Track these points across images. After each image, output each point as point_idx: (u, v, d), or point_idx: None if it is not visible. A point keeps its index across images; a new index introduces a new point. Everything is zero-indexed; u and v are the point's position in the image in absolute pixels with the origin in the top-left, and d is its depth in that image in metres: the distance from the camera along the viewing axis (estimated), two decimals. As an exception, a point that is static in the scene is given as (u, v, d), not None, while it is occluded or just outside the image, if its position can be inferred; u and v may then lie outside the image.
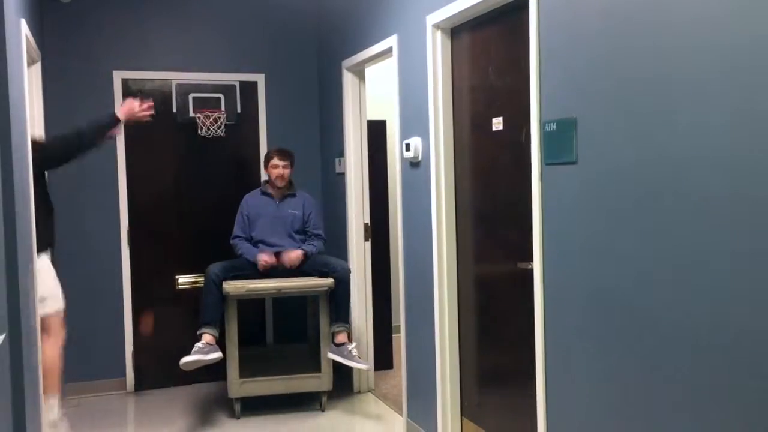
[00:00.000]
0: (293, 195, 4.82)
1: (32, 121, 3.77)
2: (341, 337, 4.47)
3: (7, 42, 2.80)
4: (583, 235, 2.53)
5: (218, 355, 4.32)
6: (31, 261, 3.21)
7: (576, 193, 2.57)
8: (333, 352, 4.45)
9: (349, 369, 4.91)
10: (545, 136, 2.72)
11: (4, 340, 2.41)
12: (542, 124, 2.74)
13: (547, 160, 2.72)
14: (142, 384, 5.10)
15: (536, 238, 2.80)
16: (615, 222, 2.38)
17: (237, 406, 4.53)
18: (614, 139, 2.37)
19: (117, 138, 5.05)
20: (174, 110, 5.17)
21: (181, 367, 4.23)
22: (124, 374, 5.03)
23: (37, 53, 4.22)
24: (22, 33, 3.35)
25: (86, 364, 4.96)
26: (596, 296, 2.48)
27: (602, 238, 2.44)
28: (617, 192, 2.36)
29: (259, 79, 5.36)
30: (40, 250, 3.57)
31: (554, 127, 2.66)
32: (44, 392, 3.60)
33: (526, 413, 2.98)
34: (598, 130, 2.44)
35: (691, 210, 2.06)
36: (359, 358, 4.52)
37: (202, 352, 4.27)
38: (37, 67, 4.37)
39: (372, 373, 5.04)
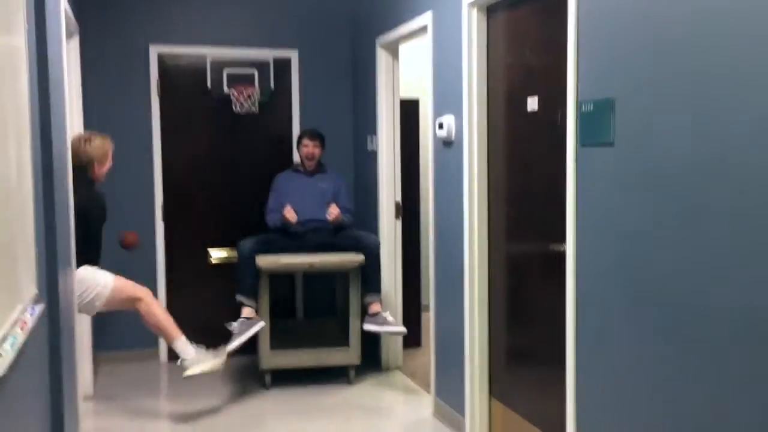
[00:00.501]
0: (323, 172, 4.88)
1: (70, 96, 3.82)
2: (375, 307, 4.51)
3: (47, 16, 2.83)
4: (618, 217, 2.51)
5: (260, 324, 4.42)
6: (69, 236, 3.27)
7: (612, 175, 2.54)
8: (369, 323, 4.50)
9: (378, 345, 4.95)
10: (581, 117, 2.68)
11: (42, 310, 2.47)
12: (579, 104, 2.70)
13: (582, 141, 2.69)
14: (174, 355, 5.19)
15: (570, 219, 2.77)
16: (651, 205, 2.34)
17: (267, 378, 4.61)
18: (654, 121, 2.33)
19: (152, 113, 5.11)
20: (209, 86, 5.20)
21: (228, 354, 4.29)
22: (157, 344, 5.12)
23: (75, 27, 4.27)
24: (61, 7, 3.38)
25: (120, 335, 5.06)
26: (630, 279, 2.46)
27: (637, 221, 2.41)
28: (655, 175, 2.32)
29: (293, 55, 5.36)
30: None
31: (591, 107, 2.62)
32: (170, 341, 4.09)
33: (555, 395, 2.98)
34: (638, 112, 2.40)
35: (730, 196, 2.02)
36: (395, 322, 4.57)
37: (244, 331, 4.35)
38: (75, 41, 4.42)
39: (400, 350, 5.08)
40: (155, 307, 4.08)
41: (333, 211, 4.64)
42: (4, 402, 1.90)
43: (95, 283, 3.93)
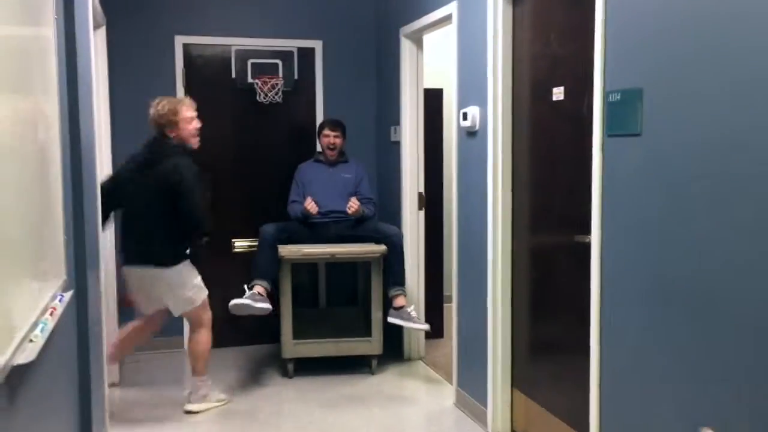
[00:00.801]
0: (345, 161, 4.88)
1: (97, 85, 3.85)
2: (400, 301, 4.51)
3: (75, 7, 2.86)
4: (645, 209, 2.48)
5: (267, 306, 4.39)
6: (97, 222, 3.31)
7: (639, 166, 2.51)
8: (393, 316, 4.51)
9: (400, 335, 4.96)
10: (608, 107, 2.66)
11: (71, 297, 2.50)
12: (605, 94, 2.67)
13: (609, 131, 2.66)
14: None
15: (595, 211, 2.75)
16: (679, 197, 2.32)
17: (290, 366, 4.64)
18: (683, 111, 2.30)
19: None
20: (233, 76, 5.22)
21: (230, 310, 4.33)
22: (182, 333, 5.18)
23: (102, 17, 4.30)
24: (88, -3, 3.41)
25: (146, 322, 5.10)
26: (656, 271, 2.44)
27: (664, 212, 2.39)
28: (683, 167, 2.30)
29: (317, 45, 5.36)
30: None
31: (618, 97, 2.60)
32: (197, 374, 4.14)
33: (578, 386, 2.97)
34: (666, 102, 2.37)
35: (761, 187, 1.99)
36: (419, 319, 4.57)
37: (252, 299, 4.36)
38: (102, 32, 4.46)
39: (422, 340, 5.08)
40: (208, 339, 4.13)
41: (353, 205, 4.63)
42: (34, 387, 1.94)
43: (194, 285, 4.00)
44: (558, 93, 3.19)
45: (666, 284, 2.39)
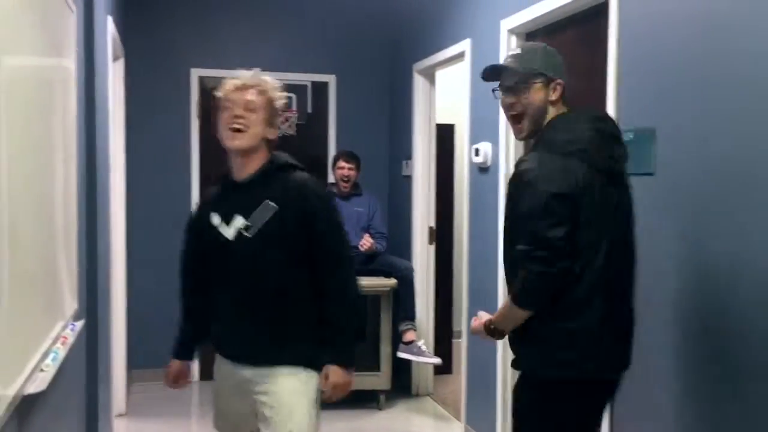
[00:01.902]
0: (359, 194, 4.87)
1: (113, 116, 3.90)
2: (410, 335, 4.49)
3: (96, 40, 2.91)
4: (658, 247, 2.47)
5: None
6: (109, 252, 3.33)
7: (652, 205, 2.51)
8: (403, 351, 4.48)
9: (409, 371, 4.92)
10: (621, 146, 2.66)
11: (82, 326, 2.51)
12: (618, 133, 2.68)
13: (622, 170, 2.66)
14: (207, 373, 5.22)
15: (607, 249, 2.74)
16: (692, 236, 2.31)
17: (297, 402, 4.60)
18: (696, 151, 2.30)
19: (192, 135, 5.20)
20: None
21: None
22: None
23: (120, 50, 4.38)
24: (108, 31, 3.48)
25: (153, 352, 5.09)
26: (670, 308, 2.42)
27: (678, 252, 2.38)
28: (697, 206, 2.29)
29: (331, 79, 5.43)
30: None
31: (631, 136, 2.60)
32: None
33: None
34: (679, 142, 2.38)
35: (775, 227, 1.99)
36: (429, 353, 4.54)
37: None
38: (120, 64, 4.53)
39: (431, 376, 5.04)
40: None
41: (366, 243, 4.60)
42: (44, 417, 1.93)
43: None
44: (570, 131, 3.19)
45: (682, 323, 2.37)
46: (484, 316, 2.24)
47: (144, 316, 4.91)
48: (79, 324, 2.40)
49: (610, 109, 2.72)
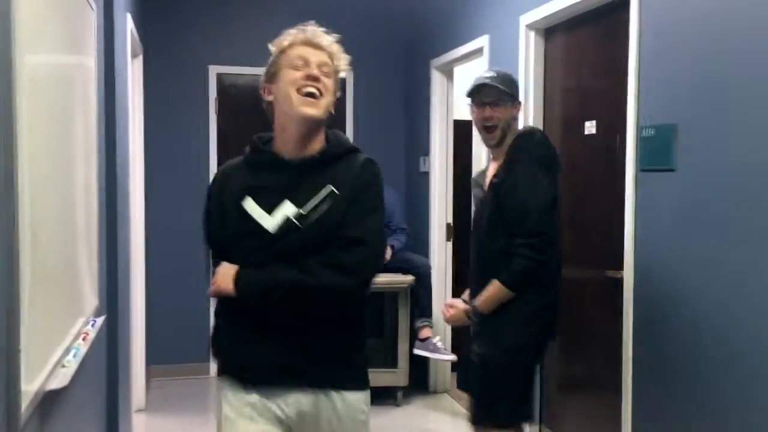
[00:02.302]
0: None
1: (132, 113, 3.93)
2: (425, 332, 4.48)
3: (115, 37, 2.93)
4: (680, 245, 2.45)
5: None
6: (129, 250, 3.35)
7: (673, 201, 2.48)
8: (419, 348, 4.48)
9: (426, 367, 4.91)
10: (642, 142, 2.64)
11: (102, 323, 2.52)
12: (639, 129, 2.66)
13: (643, 167, 2.64)
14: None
15: (628, 246, 2.72)
16: (715, 234, 2.28)
17: (314, 398, 4.60)
18: (718, 147, 2.27)
19: (210, 132, 5.22)
20: (265, 105, 5.28)
21: None
22: (208, 359, 5.18)
23: (139, 47, 4.40)
24: (127, 28, 3.49)
25: (172, 348, 5.13)
26: (690, 309, 2.39)
27: (699, 248, 2.35)
28: (719, 202, 2.26)
29: (348, 76, 5.42)
30: None
31: (652, 132, 2.58)
32: None
33: (609, 426, 2.91)
34: (701, 137, 2.35)
35: (801, 224, 1.96)
36: (445, 349, 4.53)
37: None
38: (139, 61, 4.56)
39: (449, 373, 5.03)
40: None
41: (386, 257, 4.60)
42: (65, 412, 1.94)
43: None
44: (590, 127, 3.17)
45: (701, 322, 2.35)
46: (460, 305, 2.73)
47: (163, 312, 4.94)
48: (100, 320, 2.42)
49: (631, 105, 2.69)
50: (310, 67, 1.79)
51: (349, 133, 5.43)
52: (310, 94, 1.77)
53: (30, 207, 1.48)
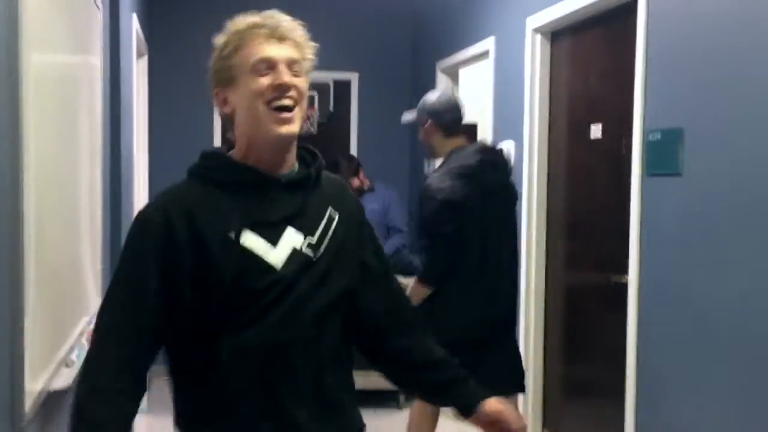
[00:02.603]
0: (371, 190, 4.74)
1: (137, 113, 3.93)
2: None
3: (121, 37, 2.93)
4: (685, 250, 2.44)
5: None
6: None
7: (679, 206, 2.47)
8: None
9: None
10: (648, 146, 2.63)
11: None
12: (645, 133, 2.65)
13: (649, 171, 2.63)
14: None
15: (633, 250, 2.71)
16: (721, 239, 2.27)
17: (317, 400, 4.60)
18: (724, 151, 2.26)
19: (215, 132, 5.22)
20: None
21: None
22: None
23: (144, 47, 4.40)
24: (133, 28, 3.50)
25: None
26: (695, 314, 2.38)
27: (704, 253, 2.34)
28: (726, 207, 2.25)
29: (353, 78, 5.42)
30: None
31: (658, 136, 2.57)
32: None
33: (612, 429, 2.90)
34: (707, 142, 2.34)
35: (808, 230, 1.95)
36: None
37: None
38: (144, 60, 4.56)
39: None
40: None
41: None
42: (68, 412, 1.94)
43: None
44: (596, 130, 3.17)
45: (705, 327, 2.33)
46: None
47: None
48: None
49: (637, 109, 2.68)
50: (277, 71, 1.36)
51: (354, 135, 5.43)
52: (284, 108, 1.35)
53: (35, 207, 1.48)
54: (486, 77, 4.10)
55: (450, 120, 2.95)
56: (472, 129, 5.35)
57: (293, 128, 1.36)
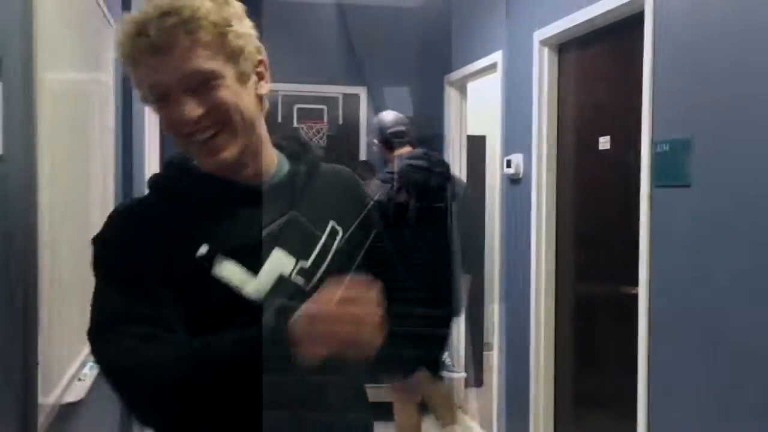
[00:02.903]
0: None
1: (149, 130, 3.96)
2: None
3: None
4: (694, 260, 2.43)
5: None
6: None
7: (688, 217, 2.47)
8: None
9: (439, 383, 4.90)
10: (656, 157, 2.63)
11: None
12: (653, 144, 2.65)
13: (657, 182, 2.63)
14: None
15: (643, 262, 2.71)
16: (730, 249, 2.27)
17: (327, 413, 4.59)
18: (733, 162, 2.26)
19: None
20: (279, 120, 5.33)
21: None
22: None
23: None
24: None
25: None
26: (706, 326, 2.37)
27: (715, 264, 2.34)
28: (735, 218, 2.25)
29: (361, 91, 5.45)
30: None
31: (666, 147, 2.57)
32: None
33: (624, 442, 2.88)
34: (716, 153, 2.34)
35: (818, 241, 1.94)
36: (453, 366, 4.51)
37: None
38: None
39: (462, 389, 5.00)
40: None
41: None
42: (82, 425, 1.95)
43: None
44: (604, 142, 3.17)
45: (717, 339, 2.33)
46: None
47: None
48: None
49: (645, 120, 2.68)
50: (175, 103, 1.06)
51: (363, 147, 5.45)
52: (204, 141, 1.10)
53: (49, 225, 1.50)
54: (494, 90, 4.12)
55: (389, 135, 3.53)
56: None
57: (227, 154, 1.11)
